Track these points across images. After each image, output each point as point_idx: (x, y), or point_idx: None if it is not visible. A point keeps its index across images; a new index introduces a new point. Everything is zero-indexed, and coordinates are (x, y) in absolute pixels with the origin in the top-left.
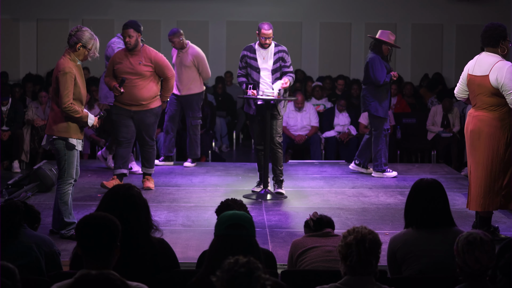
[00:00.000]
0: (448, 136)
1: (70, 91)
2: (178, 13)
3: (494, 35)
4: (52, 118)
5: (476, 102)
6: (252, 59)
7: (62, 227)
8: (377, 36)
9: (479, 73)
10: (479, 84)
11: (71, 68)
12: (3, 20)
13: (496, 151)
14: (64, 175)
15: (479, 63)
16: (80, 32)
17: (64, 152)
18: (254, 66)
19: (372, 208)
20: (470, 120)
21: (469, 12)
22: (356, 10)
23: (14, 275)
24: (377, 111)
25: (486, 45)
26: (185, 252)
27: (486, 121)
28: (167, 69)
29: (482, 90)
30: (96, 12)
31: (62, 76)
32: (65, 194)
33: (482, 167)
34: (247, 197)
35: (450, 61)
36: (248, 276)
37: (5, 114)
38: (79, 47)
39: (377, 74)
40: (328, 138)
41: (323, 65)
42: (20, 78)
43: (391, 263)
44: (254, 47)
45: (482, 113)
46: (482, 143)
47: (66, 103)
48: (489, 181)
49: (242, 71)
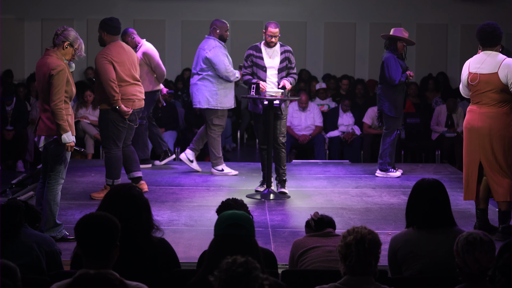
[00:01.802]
0: (452, 136)
1: (62, 88)
2: (182, 13)
3: (496, 35)
4: (47, 118)
5: (482, 99)
6: (258, 58)
7: (51, 229)
8: (391, 34)
9: (486, 71)
10: (487, 81)
11: (63, 65)
12: (8, 19)
13: (509, 145)
14: (58, 176)
15: (485, 61)
16: (66, 31)
17: (62, 152)
18: (261, 64)
19: (375, 208)
20: (475, 116)
21: (474, 12)
22: (361, 10)
23: (15, 274)
24: (391, 110)
25: (489, 45)
26: (187, 251)
27: (496, 118)
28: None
29: (490, 87)
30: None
31: (56, 74)
32: (57, 195)
33: (498, 161)
34: (250, 197)
35: (455, 61)
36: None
37: (9, 113)
38: (67, 45)
39: (392, 74)
40: (332, 138)
41: (327, 65)
42: (25, 77)
43: (391, 263)
44: (259, 46)
45: (490, 109)
46: (494, 139)
47: (56, 100)
48: (507, 173)
49: (248, 70)
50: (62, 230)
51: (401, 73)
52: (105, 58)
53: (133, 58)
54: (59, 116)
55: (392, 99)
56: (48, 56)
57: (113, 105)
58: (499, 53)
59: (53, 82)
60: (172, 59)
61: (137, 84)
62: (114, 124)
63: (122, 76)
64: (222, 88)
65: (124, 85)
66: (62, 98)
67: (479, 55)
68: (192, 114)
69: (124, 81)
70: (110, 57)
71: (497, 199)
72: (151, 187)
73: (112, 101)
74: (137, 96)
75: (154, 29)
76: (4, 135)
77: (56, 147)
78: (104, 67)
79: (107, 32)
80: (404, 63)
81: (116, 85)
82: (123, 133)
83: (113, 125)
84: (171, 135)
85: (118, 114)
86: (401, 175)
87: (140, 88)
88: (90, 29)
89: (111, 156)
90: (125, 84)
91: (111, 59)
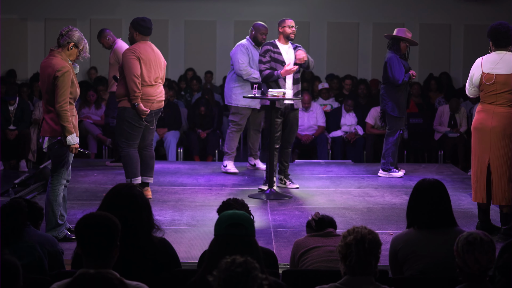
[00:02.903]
0: (455, 136)
1: (67, 90)
2: (186, 12)
3: (510, 35)
4: (50, 119)
5: (497, 100)
6: (277, 53)
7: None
8: (394, 34)
9: (503, 72)
10: (505, 82)
11: (68, 67)
12: (11, 19)
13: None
14: (60, 177)
15: (502, 61)
16: (71, 32)
17: (65, 154)
18: (280, 60)
19: (377, 208)
20: (489, 116)
21: (477, 12)
22: (364, 10)
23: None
24: (394, 110)
25: (502, 45)
26: (189, 251)
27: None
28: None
29: (507, 87)
30: (104, 12)
31: (61, 75)
32: (59, 195)
33: (506, 162)
34: (252, 197)
35: (458, 61)
36: (244, 276)
37: (12, 113)
38: (72, 46)
39: (395, 74)
40: (335, 138)
41: (330, 65)
42: (28, 77)
43: (392, 263)
44: (275, 43)
45: (506, 110)
46: (507, 139)
47: (61, 102)
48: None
49: (266, 65)
50: (63, 230)
51: (404, 73)
52: (133, 53)
53: (160, 61)
54: (64, 117)
55: (395, 99)
56: (52, 57)
57: (132, 101)
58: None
59: (58, 84)
60: (175, 59)
61: (158, 86)
62: (129, 122)
63: (144, 76)
64: (238, 86)
65: (144, 85)
66: (67, 100)
67: (491, 55)
68: (195, 114)
69: (145, 81)
70: (138, 53)
71: (499, 202)
72: (153, 187)
73: (131, 97)
74: (157, 97)
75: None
76: (7, 134)
77: (60, 148)
78: (130, 62)
79: (139, 33)
80: (407, 63)
81: (139, 81)
82: (137, 133)
83: (128, 124)
84: (173, 135)
85: (136, 112)
86: (403, 175)
87: (160, 89)
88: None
89: (124, 155)
90: (146, 84)
91: (138, 55)
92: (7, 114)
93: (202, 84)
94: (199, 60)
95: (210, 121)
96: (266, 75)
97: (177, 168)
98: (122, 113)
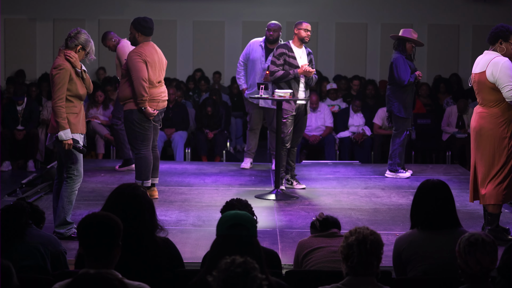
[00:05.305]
0: (463, 137)
1: (62, 87)
2: (194, 13)
3: (494, 33)
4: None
5: (478, 99)
6: (291, 57)
7: (61, 226)
8: (400, 34)
9: (478, 70)
10: (479, 81)
11: (66, 65)
12: (20, 20)
13: (498, 147)
14: (74, 174)
15: (478, 61)
16: (79, 34)
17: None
18: (295, 64)
19: (384, 209)
20: (473, 117)
21: (486, 13)
22: (372, 11)
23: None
24: (400, 111)
25: (489, 43)
26: (194, 252)
27: (487, 118)
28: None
29: (481, 86)
30: (112, 12)
31: (56, 73)
32: (73, 193)
33: (485, 163)
34: (259, 197)
35: (466, 62)
36: (244, 276)
37: (20, 113)
38: (79, 49)
39: (401, 74)
40: (343, 139)
41: (338, 66)
42: (37, 77)
43: (396, 264)
44: (290, 45)
45: (483, 109)
46: (483, 140)
47: (56, 98)
48: (491, 175)
49: (279, 67)
50: (71, 228)
51: (409, 74)
52: (140, 56)
53: (163, 61)
54: (58, 113)
55: (401, 100)
56: (57, 57)
57: (139, 105)
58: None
59: (54, 81)
60: (183, 60)
61: (161, 86)
62: (139, 124)
63: (150, 77)
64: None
65: (150, 87)
66: (62, 97)
67: (481, 55)
68: (203, 114)
69: (151, 83)
70: (144, 56)
71: (482, 202)
72: (160, 188)
73: (139, 101)
74: (161, 97)
75: (166, 30)
76: (15, 134)
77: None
78: (137, 66)
79: (141, 33)
80: (412, 64)
81: (147, 85)
82: (150, 133)
83: (139, 125)
84: (181, 135)
85: (143, 114)
86: (410, 175)
87: (164, 89)
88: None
89: (140, 157)
90: (152, 86)
91: (145, 58)
92: (15, 114)
93: (210, 85)
94: (207, 61)
95: (217, 121)
96: (280, 75)
97: (184, 169)
98: (130, 116)
